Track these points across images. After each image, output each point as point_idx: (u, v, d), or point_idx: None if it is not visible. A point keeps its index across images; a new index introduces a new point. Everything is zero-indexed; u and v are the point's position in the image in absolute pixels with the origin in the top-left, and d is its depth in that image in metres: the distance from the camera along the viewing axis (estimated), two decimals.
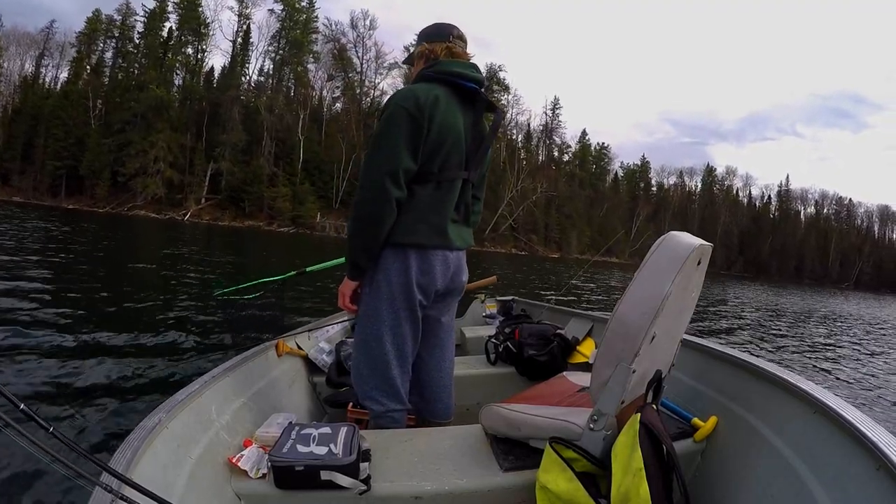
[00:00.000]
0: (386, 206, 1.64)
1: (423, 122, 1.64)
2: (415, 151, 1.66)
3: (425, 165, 1.70)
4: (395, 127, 1.64)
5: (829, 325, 14.93)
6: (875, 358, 9.43)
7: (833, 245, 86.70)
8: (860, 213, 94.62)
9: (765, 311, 17.01)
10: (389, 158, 1.62)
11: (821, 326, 14.37)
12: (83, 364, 3.65)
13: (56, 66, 55.49)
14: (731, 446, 1.49)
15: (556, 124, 73.84)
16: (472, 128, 1.81)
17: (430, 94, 1.68)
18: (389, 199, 1.62)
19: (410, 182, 1.70)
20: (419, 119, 1.64)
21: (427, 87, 1.72)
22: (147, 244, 18.10)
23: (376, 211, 1.64)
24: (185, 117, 49.12)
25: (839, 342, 11.21)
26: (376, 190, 1.62)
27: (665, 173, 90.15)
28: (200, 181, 47.27)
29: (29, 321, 4.62)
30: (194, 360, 4.12)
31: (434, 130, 1.67)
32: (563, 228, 65.06)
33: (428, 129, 1.66)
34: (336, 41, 58.29)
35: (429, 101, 1.66)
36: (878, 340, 12.54)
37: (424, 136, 1.66)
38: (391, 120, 1.65)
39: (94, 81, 51.05)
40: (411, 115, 1.63)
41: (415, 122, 1.63)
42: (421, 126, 1.64)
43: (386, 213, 1.65)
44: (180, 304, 6.47)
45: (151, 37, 52.59)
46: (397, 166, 1.62)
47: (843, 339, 11.84)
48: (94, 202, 44.43)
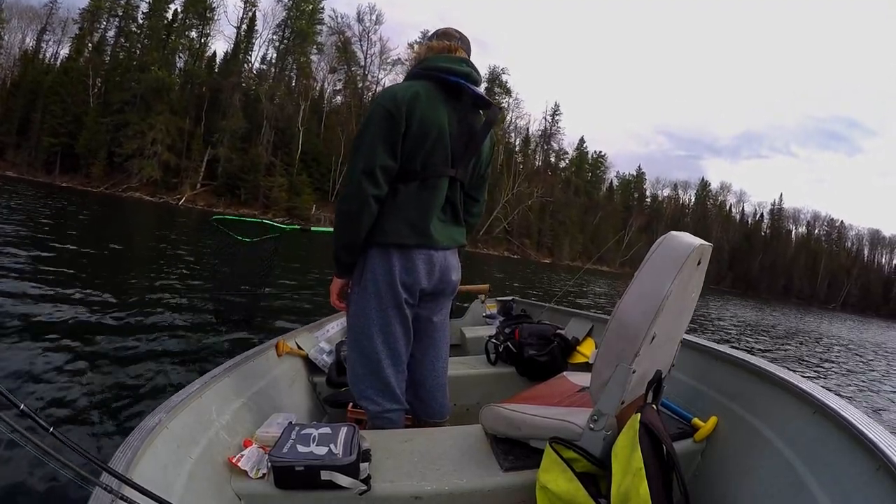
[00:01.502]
0: (363, 205, 1.64)
1: (401, 118, 1.64)
2: (392, 148, 1.65)
3: (408, 163, 1.70)
4: (372, 126, 1.64)
5: (813, 345, 15.08)
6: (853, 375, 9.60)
7: (822, 266, 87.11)
8: (851, 235, 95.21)
9: (744, 327, 17.14)
10: (365, 157, 1.63)
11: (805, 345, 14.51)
12: (83, 364, 3.61)
13: (57, 41, 54.87)
14: (731, 446, 1.49)
15: (554, 130, 73.80)
16: (459, 124, 1.78)
17: (410, 90, 1.68)
18: (366, 196, 1.63)
19: (395, 181, 1.70)
20: (396, 116, 1.63)
21: (408, 83, 1.72)
22: (141, 229, 17.91)
23: (354, 209, 1.66)
24: (185, 101, 48.63)
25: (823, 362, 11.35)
26: (353, 188, 1.64)
27: (660, 185, 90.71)
28: (197, 166, 46.84)
29: (26, 316, 4.57)
30: (194, 360, 4.09)
31: (414, 126, 1.66)
32: (557, 234, 65.13)
33: (407, 125, 1.65)
34: (341, 34, 58.07)
35: (407, 97, 1.65)
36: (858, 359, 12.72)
37: (403, 132, 1.65)
38: (370, 119, 1.66)
39: (95, 60, 50.41)
40: (388, 112, 1.64)
41: (392, 119, 1.63)
42: (398, 123, 1.64)
43: (363, 210, 1.65)
44: (179, 302, 6.37)
45: (155, 18, 52.10)
46: (373, 164, 1.62)
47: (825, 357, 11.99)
48: (88, 181, 43.96)
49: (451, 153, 1.77)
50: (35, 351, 3.75)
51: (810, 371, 9.22)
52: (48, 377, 3.32)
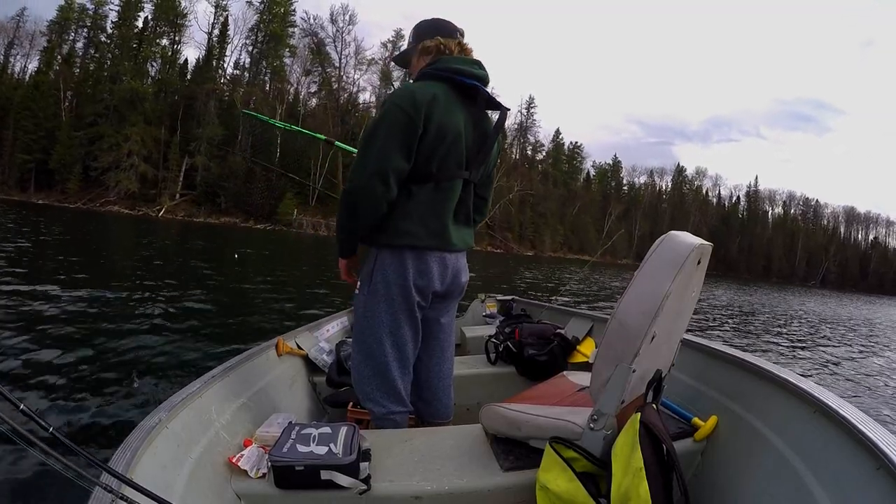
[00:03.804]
0: (370, 203, 1.64)
1: (419, 121, 1.62)
2: (408, 151, 1.63)
3: (423, 166, 1.68)
4: (388, 126, 1.62)
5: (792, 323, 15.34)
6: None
7: (800, 245, 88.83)
8: (827, 213, 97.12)
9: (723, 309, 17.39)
10: (378, 158, 1.61)
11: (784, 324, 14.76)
12: (83, 364, 3.62)
13: (26, 55, 53.62)
14: (731, 446, 1.49)
15: (530, 123, 74.07)
16: (474, 127, 1.77)
17: (428, 92, 1.65)
18: (375, 198, 1.62)
19: (408, 182, 1.68)
20: (414, 118, 1.61)
21: (425, 84, 1.69)
22: (122, 245, 17.69)
23: (359, 205, 1.65)
24: (159, 110, 47.89)
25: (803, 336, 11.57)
26: (362, 186, 1.62)
27: (636, 173, 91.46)
28: (175, 176, 46.23)
29: (25, 321, 4.55)
30: (194, 360, 4.10)
31: (432, 130, 1.64)
32: (537, 227, 65.41)
33: (425, 128, 1.63)
34: (314, 35, 57.59)
35: (426, 100, 1.63)
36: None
37: (420, 135, 1.63)
38: (385, 118, 1.63)
39: (65, 72, 49.35)
40: (406, 114, 1.61)
41: (409, 122, 1.61)
42: (416, 126, 1.62)
43: (370, 208, 1.65)
44: (179, 302, 6.39)
45: (125, 27, 51.15)
46: (386, 166, 1.60)
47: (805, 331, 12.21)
48: (64, 197, 43.17)
49: (465, 156, 1.77)
50: (35, 351, 3.77)
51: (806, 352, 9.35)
52: (48, 377, 3.33)
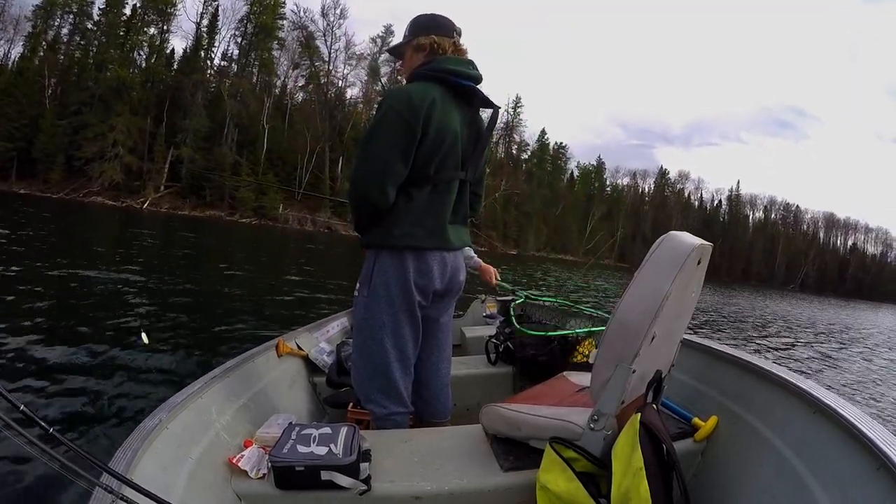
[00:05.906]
0: (366, 209, 1.70)
1: (417, 125, 1.62)
2: (406, 156, 1.64)
3: (421, 168, 1.68)
4: (386, 131, 1.62)
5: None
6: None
7: (780, 249, 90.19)
8: (807, 218, 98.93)
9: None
10: (375, 163, 1.63)
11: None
12: (83, 365, 3.62)
13: (9, 41, 52.19)
14: (731, 446, 1.50)
15: (516, 122, 74.19)
16: (469, 127, 1.79)
17: (427, 95, 1.65)
18: (371, 202, 1.66)
19: (406, 185, 1.69)
20: (413, 123, 1.61)
21: (423, 87, 1.69)
22: (106, 237, 17.48)
23: (357, 208, 1.72)
24: (145, 101, 46.96)
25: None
26: (358, 192, 1.67)
27: (619, 174, 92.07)
28: (160, 168, 45.35)
29: (24, 322, 4.52)
30: (194, 360, 4.10)
31: (430, 133, 1.65)
32: (521, 226, 65.70)
33: (423, 132, 1.64)
34: (304, 28, 57.08)
35: (425, 104, 1.63)
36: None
37: (419, 139, 1.64)
38: (383, 122, 1.63)
39: (50, 59, 48.17)
40: (404, 120, 1.61)
41: (408, 127, 1.61)
42: (414, 130, 1.62)
43: (366, 213, 1.71)
44: (178, 303, 6.36)
45: (113, 14, 49.96)
46: (383, 173, 1.62)
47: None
48: (47, 187, 42.12)
49: (461, 157, 1.79)
50: (35, 352, 3.76)
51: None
52: (48, 378, 3.32)
